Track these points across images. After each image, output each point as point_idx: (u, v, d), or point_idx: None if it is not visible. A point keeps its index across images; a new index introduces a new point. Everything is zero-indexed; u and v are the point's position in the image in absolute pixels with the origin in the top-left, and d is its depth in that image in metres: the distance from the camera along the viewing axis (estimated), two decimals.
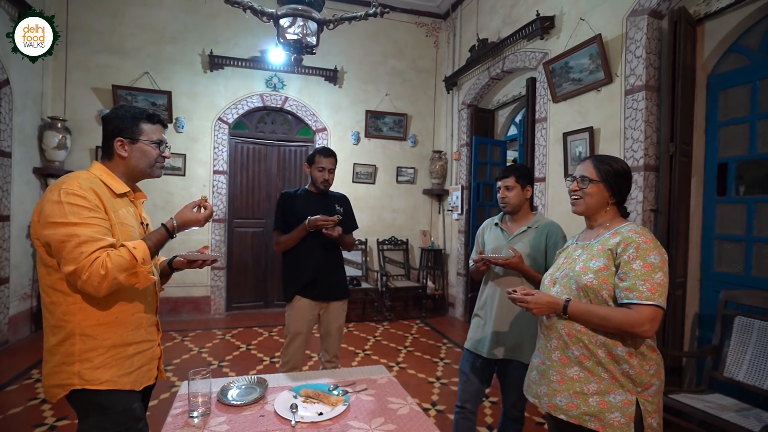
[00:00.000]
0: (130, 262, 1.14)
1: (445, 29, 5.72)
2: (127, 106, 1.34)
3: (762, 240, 2.44)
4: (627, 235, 1.25)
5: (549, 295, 1.32)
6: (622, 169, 1.35)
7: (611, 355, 1.22)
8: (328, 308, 2.40)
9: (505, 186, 1.85)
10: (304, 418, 1.33)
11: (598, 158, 1.38)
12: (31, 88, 4.09)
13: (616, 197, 1.35)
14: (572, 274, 1.31)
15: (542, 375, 1.35)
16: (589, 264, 1.28)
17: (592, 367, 1.24)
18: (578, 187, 1.37)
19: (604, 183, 1.33)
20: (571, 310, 1.25)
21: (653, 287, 1.17)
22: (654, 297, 1.16)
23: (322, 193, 2.40)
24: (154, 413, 2.50)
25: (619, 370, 1.22)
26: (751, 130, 2.50)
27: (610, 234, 1.31)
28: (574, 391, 1.25)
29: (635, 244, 1.22)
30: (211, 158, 4.93)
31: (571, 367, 1.27)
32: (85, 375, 1.18)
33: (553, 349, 1.32)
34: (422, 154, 5.75)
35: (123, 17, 4.59)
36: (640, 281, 1.18)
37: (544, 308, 1.29)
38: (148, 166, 1.34)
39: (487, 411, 2.72)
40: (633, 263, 1.20)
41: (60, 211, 1.13)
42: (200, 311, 4.90)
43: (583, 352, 1.25)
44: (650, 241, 1.23)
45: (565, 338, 1.29)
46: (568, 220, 2.42)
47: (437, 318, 5.21)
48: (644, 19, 2.82)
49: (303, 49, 2.64)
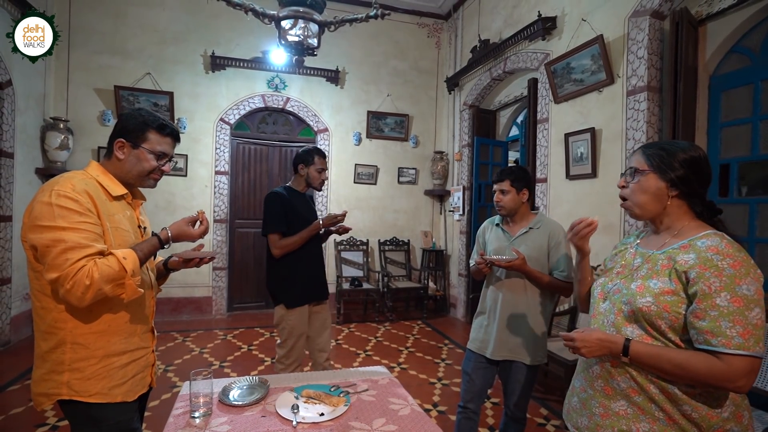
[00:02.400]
0: (118, 273, 1.09)
1: (446, 30, 5.73)
2: (145, 111, 1.30)
3: (764, 241, 2.43)
4: (705, 256, 0.93)
5: (599, 331, 1.04)
6: (688, 155, 1.02)
7: (666, 393, 0.97)
8: (322, 306, 2.39)
9: (500, 190, 1.84)
10: (306, 419, 1.33)
11: (652, 144, 1.09)
12: (33, 88, 4.10)
13: (679, 189, 1.02)
14: (626, 292, 1.03)
15: (584, 404, 1.12)
16: (648, 283, 1.00)
17: (642, 404, 1.00)
18: (625, 183, 1.09)
19: (656, 172, 1.03)
20: (634, 354, 0.97)
21: (746, 330, 0.88)
22: (748, 345, 0.87)
23: (304, 192, 2.40)
24: (155, 413, 2.51)
25: (677, 411, 0.96)
26: (753, 130, 2.50)
27: (680, 245, 1.00)
28: (620, 429, 1.02)
29: (717, 270, 0.91)
30: (213, 159, 4.94)
31: (616, 400, 1.04)
32: (74, 385, 1.15)
33: (595, 378, 1.09)
34: (424, 154, 5.76)
35: (125, 18, 4.60)
36: (726, 323, 0.89)
37: (596, 348, 1.01)
38: (140, 175, 1.28)
39: (488, 412, 2.71)
40: (716, 297, 0.90)
41: (49, 214, 1.08)
42: (202, 312, 4.91)
43: (630, 384, 1.01)
44: (740, 264, 0.91)
45: (608, 367, 1.05)
46: (569, 221, 2.42)
47: (438, 319, 5.21)
48: (646, 19, 2.81)
49: (304, 51, 2.64)
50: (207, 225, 1.36)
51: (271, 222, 2.21)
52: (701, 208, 1.05)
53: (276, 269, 2.26)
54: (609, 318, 1.06)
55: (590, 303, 1.19)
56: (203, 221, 1.35)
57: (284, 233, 2.22)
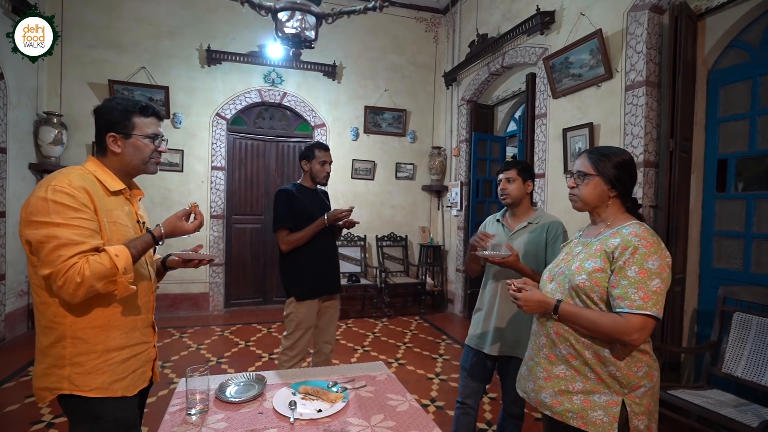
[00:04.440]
0: (110, 270, 1.08)
1: (444, 24, 5.69)
2: (119, 98, 1.28)
3: (761, 236, 2.43)
4: (627, 238, 1.17)
5: (541, 293, 1.28)
6: (621, 159, 1.26)
7: (598, 356, 1.19)
8: (331, 300, 2.41)
9: (507, 178, 1.85)
10: (303, 415, 1.32)
11: (594, 150, 1.31)
12: (26, 83, 4.05)
13: (617, 190, 1.26)
14: (567, 273, 1.26)
15: (530, 371, 1.34)
16: (584, 264, 1.23)
17: (578, 367, 1.22)
18: (575, 184, 1.30)
19: (600, 176, 1.25)
20: (561, 312, 1.21)
21: (646, 295, 1.11)
22: (646, 306, 1.11)
23: (314, 188, 2.42)
24: (152, 410, 2.50)
25: (605, 371, 1.19)
26: (751, 126, 2.49)
27: (611, 233, 1.24)
28: (559, 389, 1.24)
29: (632, 248, 1.15)
30: (209, 154, 4.90)
31: (557, 365, 1.25)
32: (75, 380, 1.15)
33: (541, 347, 1.31)
34: (421, 150, 5.74)
35: (119, 11, 4.54)
36: (632, 289, 1.12)
37: (534, 307, 1.26)
38: (143, 162, 1.28)
39: (486, 407, 2.72)
40: (628, 269, 1.14)
41: (44, 209, 1.08)
42: (199, 308, 4.89)
43: (570, 351, 1.23)
44: (651, 245, 1.15)
45: (553, 336, 1.26)
46: (567, 216, 2.41)
47: (436, 314, 5.22)
48: (645, 14, 2.80)
49: (301, 44, 2.61)
50: (201, 218, 1.35)
51: (278, 218, 2.27)
52: (630, 204, 1.30)
53: (286, 263, 2.32)
54: (555, 296, 1.27)
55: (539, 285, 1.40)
56: (197, 215, 1.34)
57: (292, 229, 2.26)
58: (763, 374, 2.07)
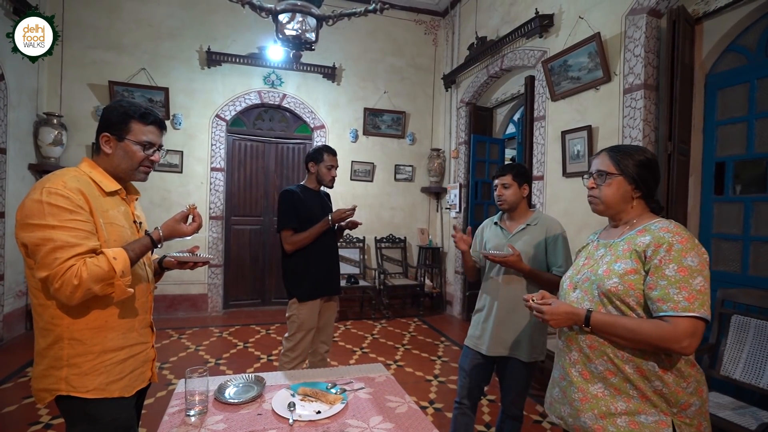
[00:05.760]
0: (107, 273, 1.08)
1: (443, 27, 5.71)
2: (125, 102, 1.26)
3: (759, 239, 2.44)
4: (658, 235, 1.06)
5: (567, 304, 1.15)
6: (644, 157, 1.16)
7: (640, 370, 1.06)
8: (331, 302, 2.43)
9: (502, 184, 1.87)
10: (302, 417, 1.32)
11: (615, 149, 1.21)
12: (26, 83, 4.05)
13: (641, 190, 1.16)
14: (594, 278, 1.14)
15: (564, 393, 1.19)
16: (613, 266, 1.11)
17: (618, 384, 1.08)
18: (595, 184, 1.20)
19: (624, 175, 1.15)
20: (594, 322, 1.08)
21: (691, 295, 0.99)
22: (693, 307, 0.99)
23: (318, 190, 2.44)
24: (150, 411, 2.49)
25: (650, 387, 1.05)
26: (749, 129, 2.50)
27: (637, 231, 1.13)
28: (600, 411, 1.09)
29: (667, 244, 1.03)
30: (209, 155, 4.91)
31: (594, 383, 1.12)
32: (72, 381, 1.14)
33: (573, 363, 1.16)
34: (420, 152, 5.75)
35: (120, 13, 4.55)
36: (674, 289, 1.00)
37: (562, 320, 1.12)
38: (131, 168, 1.25)
39: (485, 409, 2.72)
40: (665, 268, 1.02)
41: (39, 212, 1.07)
42: (197, 309, 4.89)
43: (607, 366, 1.09)
44: (686, 240, 1.04)
45: (586, 351, 1.13)
46: (565, 218, 2.43)
47: (435, 316, 5.22)
48: (643, 17, 2.81)
49: (302, 46, 2.62)
50: (200, 221, 1.34)
51: (282, 218, 2.29)
52: (654, 205, 1.21)
53: (289, 264, 2.32)
54: (583, 305, 1.15)
55: (559, 295, 1.29)
56: (195, 217, 1.33)
57: (296, 229, 2.27)
58: (762, 377, 2.07)
